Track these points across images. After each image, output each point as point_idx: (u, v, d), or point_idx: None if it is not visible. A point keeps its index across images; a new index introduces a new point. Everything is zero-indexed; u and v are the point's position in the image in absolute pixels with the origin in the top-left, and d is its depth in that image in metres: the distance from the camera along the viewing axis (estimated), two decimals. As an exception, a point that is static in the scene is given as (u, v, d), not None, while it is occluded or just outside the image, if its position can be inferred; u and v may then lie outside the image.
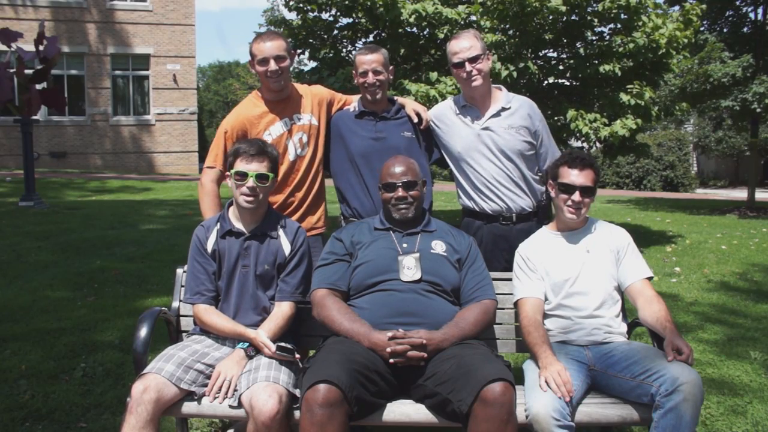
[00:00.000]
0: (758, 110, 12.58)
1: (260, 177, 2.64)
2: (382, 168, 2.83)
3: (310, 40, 8.34)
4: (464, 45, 3.07)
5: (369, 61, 3.11)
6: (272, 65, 2.99)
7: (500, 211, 3.12)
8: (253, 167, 2.63)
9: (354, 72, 3.21)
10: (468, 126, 3.16)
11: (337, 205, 3.31)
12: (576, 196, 2.66)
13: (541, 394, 2.27)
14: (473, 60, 3.05)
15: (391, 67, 3.22)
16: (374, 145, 3.13)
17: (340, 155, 3.22)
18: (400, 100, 3.34)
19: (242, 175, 2.63)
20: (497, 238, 3.12)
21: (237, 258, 2.68)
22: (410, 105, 3.30)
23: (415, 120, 3.22)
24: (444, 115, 3.25)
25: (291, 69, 3.40)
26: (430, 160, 3.34)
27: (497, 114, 3.14)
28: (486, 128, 3.12)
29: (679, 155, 26.11)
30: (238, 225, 2.72)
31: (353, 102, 3.33)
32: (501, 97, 3.20)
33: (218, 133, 3.10)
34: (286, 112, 3.13)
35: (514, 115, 3.14)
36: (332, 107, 3.31)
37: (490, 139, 3.11)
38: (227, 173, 2.72)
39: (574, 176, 2.67)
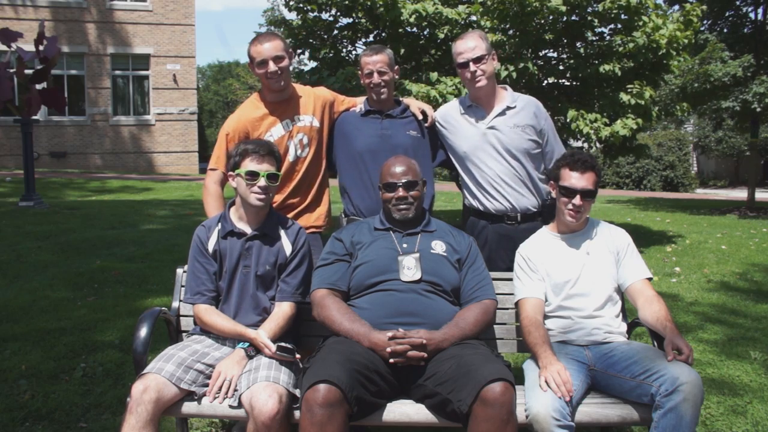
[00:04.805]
0: (758, 110, 12.58)
1: (271, 176, 2.65)
2: (382, 167, 2.83)
3: (310, 40, 8.33)
4: (469, 45, 3.08)
5: (374, 61, 3.13)
6: (271, 66, 2.99)
7: (505, 210, 3.12)
8: (264, 167, 2.64)
9: (360, 73, 3.23)
10: (473, 126, 3.16)
11: (341, 205, 3.31)
12: (577, 200, 2.65)
13: (541, 393, 2.27)
14: (477, 60, 3.06)
15: (396, 67, 3.24)
16: (380, 143, 3.14)
17: (344, 153, 3.23)
18: (405, 100, 3.35)
19: (254, 175, 2.63)
20: (502, 237, 3.12)
21: (238, 259, 2.68)
22: (415, 104, 3.31)
23: (420, 117, 3.23)
24: (449, 116, 3.26)
25: (291, 69, 3.41)
26: (435, 161, 3.34)
27: (502, 113, 3.14)
28: (491, 127, 3.13)
29: (679, 155, 26.10)
30: (240, 225, 2.72)
31: (359, 104, 3.33)
32: (506, 96, 3.20)
33: (220, 135, 3.11)
34: (287, 114, 3.13)
35: (519, 113, 3.14)
36: (335, 109, 3.31)
37: (496, 139, 3.11)
38: (230, 174, 2.72)
39: (575, 179, 2.66)
